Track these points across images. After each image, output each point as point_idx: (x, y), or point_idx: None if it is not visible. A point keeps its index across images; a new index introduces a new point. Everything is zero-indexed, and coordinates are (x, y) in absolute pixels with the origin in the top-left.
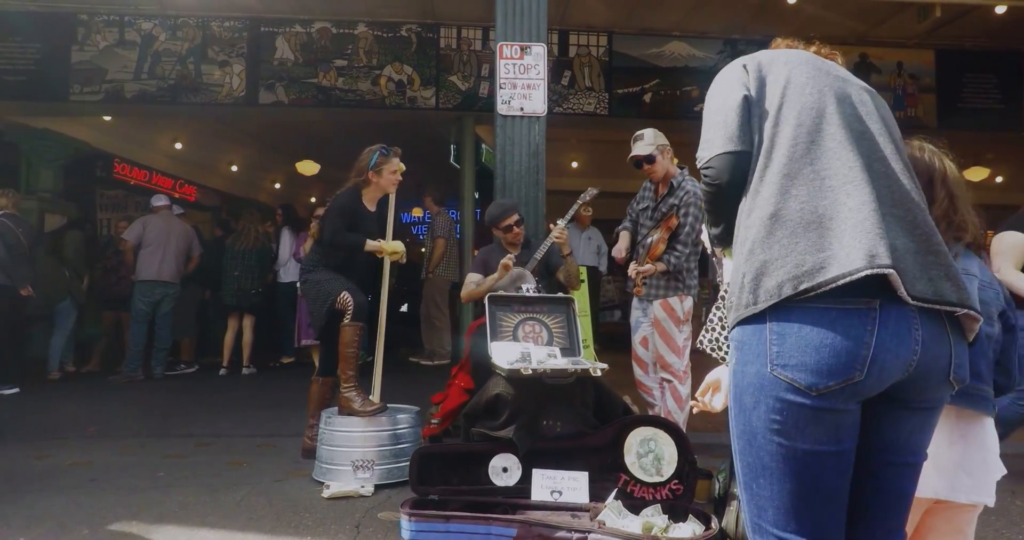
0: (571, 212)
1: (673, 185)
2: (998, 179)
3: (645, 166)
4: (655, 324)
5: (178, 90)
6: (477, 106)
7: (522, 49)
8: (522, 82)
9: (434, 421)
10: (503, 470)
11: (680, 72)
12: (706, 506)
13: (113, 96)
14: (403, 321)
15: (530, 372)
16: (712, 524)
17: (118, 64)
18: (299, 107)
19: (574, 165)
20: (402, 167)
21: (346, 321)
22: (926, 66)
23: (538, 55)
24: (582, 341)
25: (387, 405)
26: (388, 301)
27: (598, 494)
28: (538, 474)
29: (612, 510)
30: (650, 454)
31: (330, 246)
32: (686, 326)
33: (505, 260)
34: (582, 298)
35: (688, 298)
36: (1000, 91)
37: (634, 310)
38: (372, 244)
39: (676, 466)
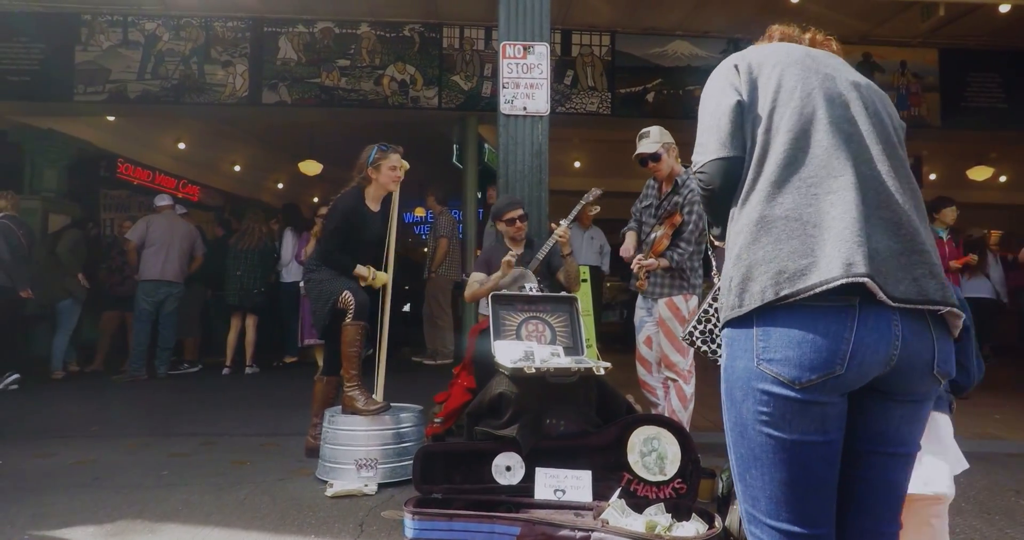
0: (574, 212)
1: (677, 183)
2: (1002, 178)
3: (650, 164)
4: (660, 323)
5: (181, 90)
6: (480, 106)
7: (525, 49)
8: (525, 82)
9: (437, 420)
10: (506, 469)
11: (683, 71)
12: (709, 505)
13: (117, 96)
14: (405, 321)
15: (533, 371)
16: (716, 523)
17: (122, 64)
18: (302, 107)
19: (577, 165)
20: (405, 165)
21: (348, 320)
22: (929, 65)
23: (541, 55)
24: (585, 340)
25: (390, 404)
26: (390, 301)
27: (601, 493)
28: (541, 473)
29: (615, 509)
30: (653, 453)
31: (323, 263)
32: None
33: (507, 257)
34: (585, 298)
35: (693, 297)
36: (1004, 90)
37: (638, 309)
38: (361, 270)
39: (680, 465)
